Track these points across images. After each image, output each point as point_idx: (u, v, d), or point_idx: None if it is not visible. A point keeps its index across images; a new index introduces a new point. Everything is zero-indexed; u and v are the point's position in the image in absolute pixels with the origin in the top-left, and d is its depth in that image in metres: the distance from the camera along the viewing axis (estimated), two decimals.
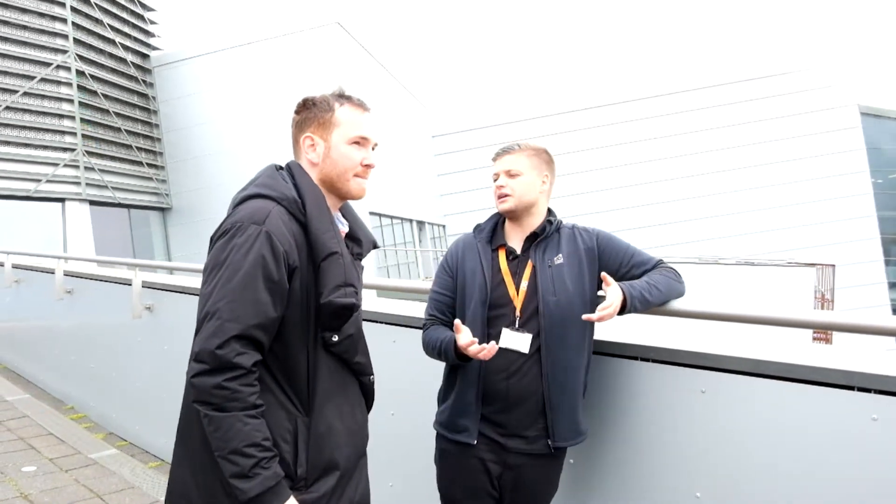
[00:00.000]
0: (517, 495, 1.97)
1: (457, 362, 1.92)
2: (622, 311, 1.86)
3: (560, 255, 1.98)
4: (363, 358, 1.64)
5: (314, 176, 1.60)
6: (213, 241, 1.51)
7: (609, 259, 2.00)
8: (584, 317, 1.84)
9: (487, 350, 1.76)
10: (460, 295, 2.02)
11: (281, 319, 1.47)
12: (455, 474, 2.00)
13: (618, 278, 1.98)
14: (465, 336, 1.80)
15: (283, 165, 1.62)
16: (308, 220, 1.50)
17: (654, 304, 1.91)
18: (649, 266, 2.01)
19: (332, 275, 1.49)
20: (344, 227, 1.67)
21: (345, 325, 1.54)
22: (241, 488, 1.35)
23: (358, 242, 1.70)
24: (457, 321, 1.82)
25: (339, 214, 1.68)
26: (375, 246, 1.78)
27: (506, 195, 1.99)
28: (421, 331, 2.09)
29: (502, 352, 1.90)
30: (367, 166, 1.62)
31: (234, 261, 1.42)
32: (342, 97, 1.61)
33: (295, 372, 1.51)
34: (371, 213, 18.31)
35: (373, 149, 1.64)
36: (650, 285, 1.91)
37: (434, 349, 1.99)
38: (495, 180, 2.04)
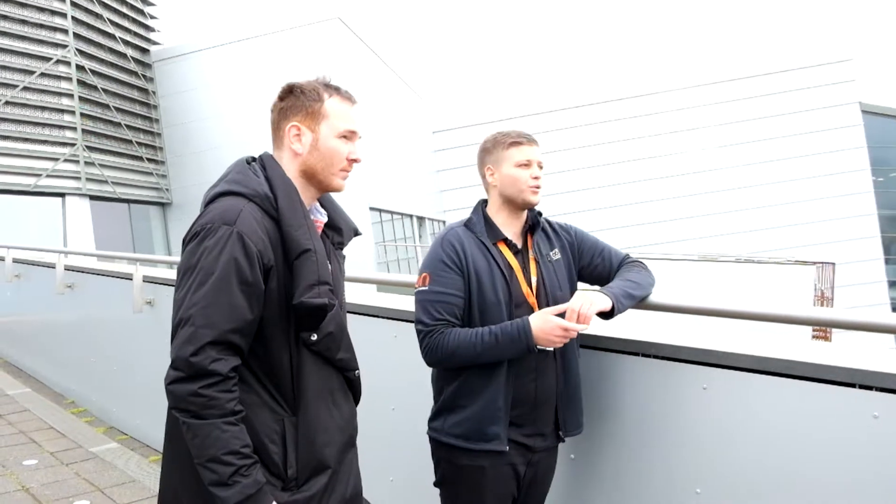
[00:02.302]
0: (531, 489, 1.99)
1: (531, 351, 1.79)
2: (611, 314, 1.84)
3: (555, 249, 1.99)
4: (346, 354, 1.59)
5: (296, 166, 1.55)
6: (184, 243, 1.46)
7: (584, 253, 2.03)
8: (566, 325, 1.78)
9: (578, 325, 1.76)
10: (476, 294, 1.87)
11: (260, 320, 1.43)
12: (486, 488, 1.89)
13: (590, 270, 2.03)
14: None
15: (256, 157, 1.58)
16: (280, 215, 1.46)
17: (636, 298, 1.92)
18: (619, 258, 2.04)
19: (305, 274, 1.44)
20: (322, 217, 1.63)
21: (322, 323, 1.49)
22: (221, 496, 1.33)
23: (338, 231, 1.66)
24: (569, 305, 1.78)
25: (317, 204, 1.64)
26: (357, 233, 1.72)
27: (539, 188, 1.92)
28: None
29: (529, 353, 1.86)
30: (353, 161, 1.57)
31: (206, 264, 1.38)
32: (330, 87, 1.56)
33: (278, 372, 1.48)
34: (371, 209, 18.30)
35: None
36: (629, 282, 1.93)
37: (479, 345, 1.78)
38: (526, 166, 1.91)
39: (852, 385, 1.64)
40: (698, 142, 25.03)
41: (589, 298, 1.79)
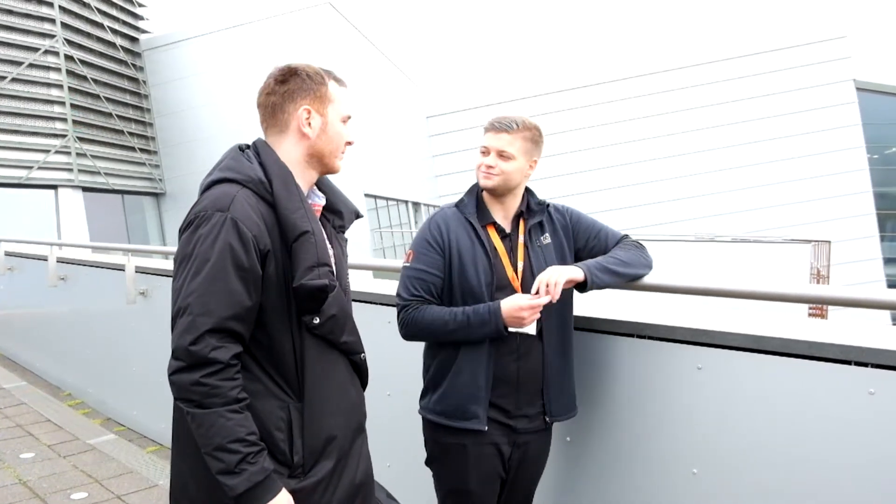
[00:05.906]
0: (521, 470, 1.99)
1: (502, 334, 1.83)
2: (584, 286, 1.84)
3: (546, 234, 1.99)
4: (350, 337, 1.58)
5: (302, 149, 1.54)
6: (180, 232, 1.46)
7: (579, 235, 2.03)
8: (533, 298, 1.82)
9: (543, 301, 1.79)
10: (457, 275, 1.92)
11: (260, 306, 1.42)
12: (469, 466, 1.93)
13: (587, 252, 2.03)
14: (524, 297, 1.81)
15: (250, 144, 1.56)
16: (276, 200, 1.44)
17: (621, 275, 1.91)
18: (615, 238, 2.04)
19: (304, 256, 1.42)
20: (321, 201, 1.62)
21: (323, 306, 1.48)
22: (229, 485, 1.33)
23: (339, 214, 1.65)
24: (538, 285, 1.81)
25: (315, 188, 1.63)
26: (358, 215, 1.71)
27: (492, 174, 1.94)
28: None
29: (511, 334, 1.88)
30: (349, 143, 1.60)
31: (201, 252, 1.37)
32: (326, 71, 1.58)
33: (282, 358, 1.46)
34: (366, 195, 18.24)
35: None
36: (610, 258, 1.93)
37: (451, 323, 1.85)
38: (484, 154, 1.97)
39: (848, 362, 1.64)
40: (692, 122, 24.94)
41: (557, 271, 1.82)
